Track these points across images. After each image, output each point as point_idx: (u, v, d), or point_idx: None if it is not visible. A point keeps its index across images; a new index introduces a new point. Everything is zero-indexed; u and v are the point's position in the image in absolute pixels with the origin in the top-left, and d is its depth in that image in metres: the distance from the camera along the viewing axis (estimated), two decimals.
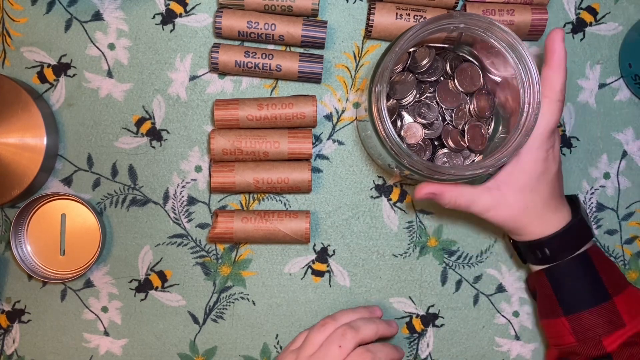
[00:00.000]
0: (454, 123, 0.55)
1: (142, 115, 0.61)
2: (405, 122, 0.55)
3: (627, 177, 0.62)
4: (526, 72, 0.49)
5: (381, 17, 0.57)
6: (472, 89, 0.55)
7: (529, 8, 0.57)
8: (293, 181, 0.58)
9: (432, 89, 0.55)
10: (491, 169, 0.48)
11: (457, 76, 0.55)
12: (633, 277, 0.63)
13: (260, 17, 0.57)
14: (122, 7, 0.60)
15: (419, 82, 0.55)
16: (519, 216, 0.52)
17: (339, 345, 0.54)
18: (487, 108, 0.54)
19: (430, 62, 0.54)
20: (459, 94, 0.55)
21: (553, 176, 0.52)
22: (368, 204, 0.61)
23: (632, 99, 0.62)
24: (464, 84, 0.55)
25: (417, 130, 0.54)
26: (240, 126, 0.58)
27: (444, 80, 0.55)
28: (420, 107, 0.55)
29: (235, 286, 0.62)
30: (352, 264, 0.62)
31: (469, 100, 0.55)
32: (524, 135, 0.48)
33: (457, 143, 0.55)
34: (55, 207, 0.61)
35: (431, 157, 0.55)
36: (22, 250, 0.60)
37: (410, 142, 0.54)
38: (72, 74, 0.60)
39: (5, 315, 0.62)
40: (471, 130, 0.54)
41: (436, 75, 0.55)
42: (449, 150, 0.55)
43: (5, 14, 0.60)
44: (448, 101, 0.55)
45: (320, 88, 0.61)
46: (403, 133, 0.54)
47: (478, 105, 0.54)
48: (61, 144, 0.61)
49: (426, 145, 0.55)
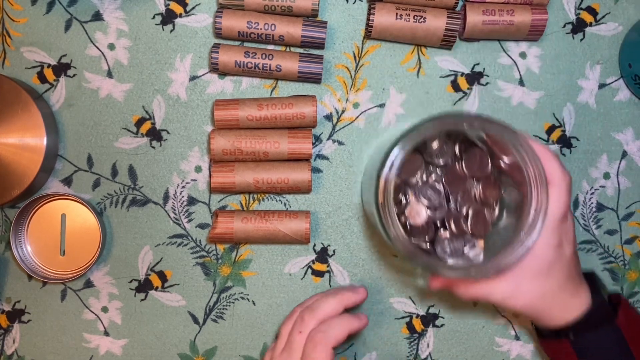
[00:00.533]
0: (458, 207, 0.54)
1: (142, 116, 0.61)
2: (409, 202, 0.54)
3: (627, 177, 0.62)
4: (536, 186, 0.48)
5: (381, 17, 0.57)
6: (480, 175, 0.54)
7: (529, 8, 0.57)
8: (293, 181, 0.58)
9: (440, 170, 0.54)
10: (498, 271, 0.48)
11: (465, 160, 0.54)
12: (633, 277, 0.63)
13: (260, 18, 0.57)
14: (122, 7, 0.60)
15: (426, 163, 0.54)
16: (537, 303, 0.50)
17: (299, 331, 0.53)
18: (494, 195, 0.54)
19: (440, 145, 0.53)
20: (466, 178, 0.54)
21: (568, 260, 0.50)
22: None
23: (632, 99, 0.62)
24: (472, 168, 0.54)
25: (421, 212, 0.54)
26: (240, 126, 0.58)
27: (452, 163, 0.54)
28: (426, 189, 0.54)
29: (236, 286, 0.62)
30: (352, 264, 0.62)
31: (476, 185, 0.54)
32: (531, 237, 0.48)
33: (460, 228, 0.54)
34: (55, 207, 0.61)
35: (432, 238, 0.55)
36: (22, 250, 0.60)
37: (414, 223, 0.54)
38: (72, 74, 0.60)
39: (5, 315, 0.62)
40: (475, 215, 0.53)
41: (445, 159, 0.54)
42: (451, 234, 0.54)
43: (5, 14, 0.60)
44: (454, 185, 0.54)
45: (320, 88, 0.61)
46: (407, 213, 0.54)
47: (484, 192, 0.54)
48: (61, 144, 0.61)
49: (428, 226, 0.55)
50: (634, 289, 0.63)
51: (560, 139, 0.62)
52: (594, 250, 0.63)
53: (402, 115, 0.61)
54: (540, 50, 0.61)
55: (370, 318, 0.62)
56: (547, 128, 0.61)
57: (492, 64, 0.61)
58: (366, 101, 0.61)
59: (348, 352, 0.62)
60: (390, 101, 0.61)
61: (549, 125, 0.61)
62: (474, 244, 0.54)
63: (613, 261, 0.63)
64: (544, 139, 0.61)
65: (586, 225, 0.62)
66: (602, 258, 0.63)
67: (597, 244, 0.63)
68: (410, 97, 0.61)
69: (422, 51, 0.61)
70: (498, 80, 0.61)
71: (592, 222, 0.63)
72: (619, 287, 0.63)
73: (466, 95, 0.61)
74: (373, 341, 0.62)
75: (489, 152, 0.53)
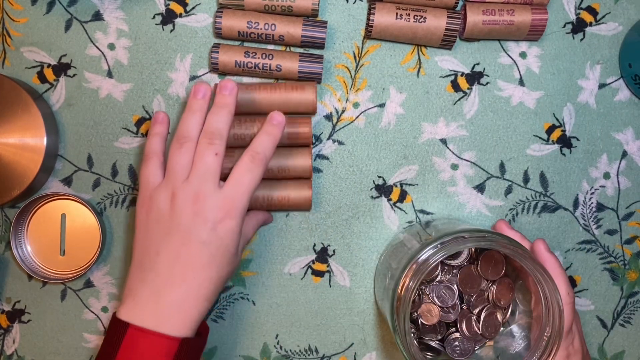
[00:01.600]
0: (471, 308, 0.55)
1: (142, 115, 0.61)
2: (423, 301, 0.55)
3: (627, 177, 0.62)
4: (550, 304, 0.50)
5: (381, 17, 0.57)
6: (494, 277, 0.54)
7: (529, 8, 0.57)
8: (293, 200, 0.58)
9: (455, 270, 0.55)
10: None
11: (481, 262, 0.54)
12: (633, 277, 0.63)
13: (260, 17, 0.57)
14: (122, 7, 0.60)
15: (442, 263, 0.55)
16: None
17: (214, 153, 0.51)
18: (507, 297, 0.55)
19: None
20: (480, 279, 0.55)
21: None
22: (368, 204, 0.61)
23: (632, 99, 0.62)
24: (486, 270, 0.54)
25: (433, 311, 0.54)
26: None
27: (467, 264, 0.55)
28: (440, 289, 0.54)
29: (235, 286, 0.62)
30: (352, 264, 0.62)
31: (489, 287, 0.55)
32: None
33: (471, 330, 0.54)
34: (55, 207, 0.61)
35: (443, 338, 0.55)
36: (22, 250, 0.60)
37: (426, 322, 0.54)
38: (72, 74, 0.60)
39: (5, 315, 0.62)
40: (487, 317, 0.54)
41: (461, 261, 0.55)
42: (461, 335, 0.55)
43: (5, 14, 0.60)
44: (469, 286, 0.54)
45: (320, 88, 0.61)
46: (419, 312, 0.54)
47: (498, 294, 0.54)
48: (61, 144, 0.61)
49: (440, 326, 0.55)
50: (634, 289, 0.63)
51: (560, 139, 0.62)
52: (594, 250, 0.63)
53: (402, 115, 0.61)
54: (540, 50, 0.61)
55: (369, 317, 0.62)
56: (547, 128, 0.61)
57: (492, 64, 0.61)
58: (366, 101, 0.61)
59: (348, 352, 0.62)
60: (390, 101, 0.61)
61: (549, 125, 0.61)
62: (484, 344, 0.55)
63: (613, 261, 0.63)
64: (544, 138, 0.61)
65: (586, 225, 0.62)
66: (602, 258, 0.63)
67: (597, 244, 0.63)
68: (410, 97, 0.61)
69: (422, 51, 0.61)
70: (498, 80, 0.61)
71: (592, 222, 0.63)
72: (618, 287, 0.63)
73: (466, 95, 0.61)
74: (373, 341, 0.62)
75: (504, 256, 0.54)
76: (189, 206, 0.49)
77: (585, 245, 0.63)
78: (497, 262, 0.54)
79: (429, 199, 0.61)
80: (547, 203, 0.62)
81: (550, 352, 0.49)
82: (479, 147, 0.61)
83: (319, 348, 0.62)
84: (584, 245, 0.63)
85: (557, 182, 0.62)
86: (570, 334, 0.52)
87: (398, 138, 0.61)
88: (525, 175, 0.62)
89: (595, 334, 0.63)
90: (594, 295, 0.63)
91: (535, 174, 0.62)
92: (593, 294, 0.63)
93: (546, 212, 0.62)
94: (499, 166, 0.61)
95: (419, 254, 0.49)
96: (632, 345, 0.64)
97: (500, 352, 0.55)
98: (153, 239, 0.50)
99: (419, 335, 0.55)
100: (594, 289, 0.63)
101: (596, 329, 0.63)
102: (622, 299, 0.63)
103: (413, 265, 0.49)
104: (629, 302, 0.63)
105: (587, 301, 0.63)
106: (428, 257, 0.48)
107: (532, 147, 0.61)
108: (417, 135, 0.61)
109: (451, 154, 0.61)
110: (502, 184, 0.62)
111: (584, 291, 0.63)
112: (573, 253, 0.63)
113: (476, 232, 0.49)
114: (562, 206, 0.62)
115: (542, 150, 0.61)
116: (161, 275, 0.48)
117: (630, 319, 0.63)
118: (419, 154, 0.61)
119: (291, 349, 0.62)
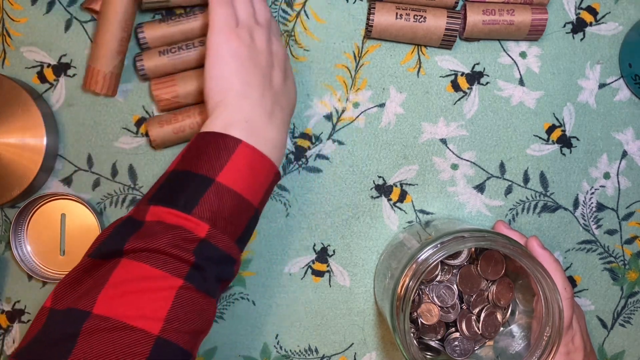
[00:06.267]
0: (471, 307, 0.55)
1: (142, 115, 0.61)
2: (423, 301, 0.55)
3: (627, 177, 0.62)
4: (552, 312, 0.50)
5: (381, 17, 0.57)
6: (494, 277, 0.55)
7: (529, 8, 0.57)
8: None
9: (455, 270, 0.55)
10: None
11: (481, 261, 0.54)
12: (633, 277, 0.63)
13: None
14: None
15: (442, 263, 0.55)
16: None
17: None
18: (507, 297, 0.55)
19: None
20: (480, 279, 0.55)
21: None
22: (368, 204, 0.61)
23: (632, 99, 0.62)
24: (486, 270, 0.54)
25: (433, 311, 0.54)
26: None
27: (467, 264, 0.55)
28: (440, 289, 0.55)
29: (235, 286, 0.62)
30: (352, 264, 0.62)
31: (489, 287, 0.55)
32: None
33: (471, 330, 0.55)
34: (55, 207, 0.61)
35: (443, 337, 0.55)
36: (22, 250, 0.60)
37: (425, 322, 0.54)
38: (72, 74, 0.60)
39: (5, 315, 0.62)
40: (487, 317, 0.54)
41: (461, 260, 0.55)
42: (462, 334, 0.55)
43: (5, 14, 0.60)
44: (469, 286, 0.55)
45: (320, 88, 0.61)
46: (419, 311, 0.54)
47: (498, 294, 0.55)
48: (61, 144, 0.61)
49: (440, 325, 0.55)
50: (634, 289, 0.63)
51: (560, 139, 0.62)
52: (594, 250, 0.63)
53: (402, 115, 0.61)
54: (540, 50, 0.61)
55: (369, 317, 0.62)
56: (547, 128, 0.61)
57: (492, 64, 0.61)
58: (366, 101, 0.61)
59: (348, 352, 0.62)
60: (390, 101, 0.61)
61: (549, 125, 0.61)
62: (484, 343, 0.55)
63: (613, 261, 0.63)
64: (544, 138, 0.61)
65: (586, 225, 0.62)
66: (602, 258, 0.63)
67: (597, 244, 0.63)
68: (410, 96, 0.61)
69: (422, 51, 0.61)
70: (498, 80, 0.61)
71: (592, 222, 0.63)
72: (618, 287, 0.63)
73: (466, 94, 0.61)
74: (373, 341, 0.62)
75: (504, 256, 0.54)
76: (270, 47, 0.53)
77: (585, 245, 0.63)
78: (497, 262, 0.54)
79: (429, 199, 0.61)
80: (547, 203, 0.62)
81: (550, 352, 0.49)
82: (479, 147, 0.61)
83: (319, 348, 0.62)
84: (584, 245, 0.63)
85: (557, 182, 0.62)
86: (570, 331, 0.52)
87: (398, 138, 0.61)
88: (525, 175, 0.62)
89: (595, 334, 0.63)
90: (594, 295, 0.63)
91: (535, 174, 0.62)
92: (593, 294, 0.63)
93: (546, 212, 0.62)
94: (499, 166, 0.61)
95: (418, 254, 0.49)
96: (632, 345, 0.64)
97: (500, 352, 0.55)
98: (261, 71, 0.50)
99: (418, 335, 0.55)
100: (594, 289, 0.63)
101: (596, 329, 0.63)
102: (622, 299, 0.63)
103: (413, 265, 0.49)
104: (629, 302, 0.63)
105: (587, 301, 0.63)
106: (428, 257, 0.48)
107: (532, 147, 0.61)
108: (417, 135, 0.61)
109: (451, 154, 0.61)
110: (502, 184, 0.62)
111: (584, 291, 0.63)
112: (573, 253, 0.63)
113: (476, 232, 0.49)
114: (562, 206, 0.62)
115: (542, 150, 0.61)
116: (277, 105, 0.51)
117: (630, 319, 0.63)
118: (419, 154, 0.61)
119: (291, 349, 0.62)
